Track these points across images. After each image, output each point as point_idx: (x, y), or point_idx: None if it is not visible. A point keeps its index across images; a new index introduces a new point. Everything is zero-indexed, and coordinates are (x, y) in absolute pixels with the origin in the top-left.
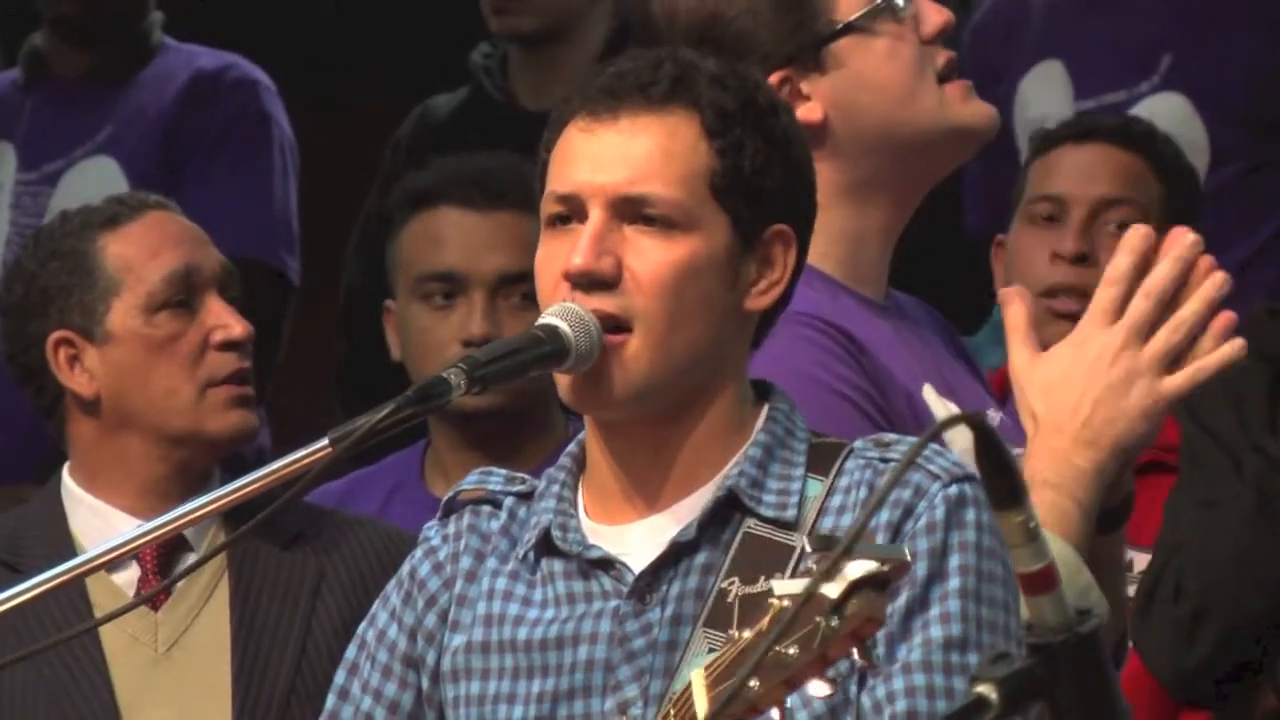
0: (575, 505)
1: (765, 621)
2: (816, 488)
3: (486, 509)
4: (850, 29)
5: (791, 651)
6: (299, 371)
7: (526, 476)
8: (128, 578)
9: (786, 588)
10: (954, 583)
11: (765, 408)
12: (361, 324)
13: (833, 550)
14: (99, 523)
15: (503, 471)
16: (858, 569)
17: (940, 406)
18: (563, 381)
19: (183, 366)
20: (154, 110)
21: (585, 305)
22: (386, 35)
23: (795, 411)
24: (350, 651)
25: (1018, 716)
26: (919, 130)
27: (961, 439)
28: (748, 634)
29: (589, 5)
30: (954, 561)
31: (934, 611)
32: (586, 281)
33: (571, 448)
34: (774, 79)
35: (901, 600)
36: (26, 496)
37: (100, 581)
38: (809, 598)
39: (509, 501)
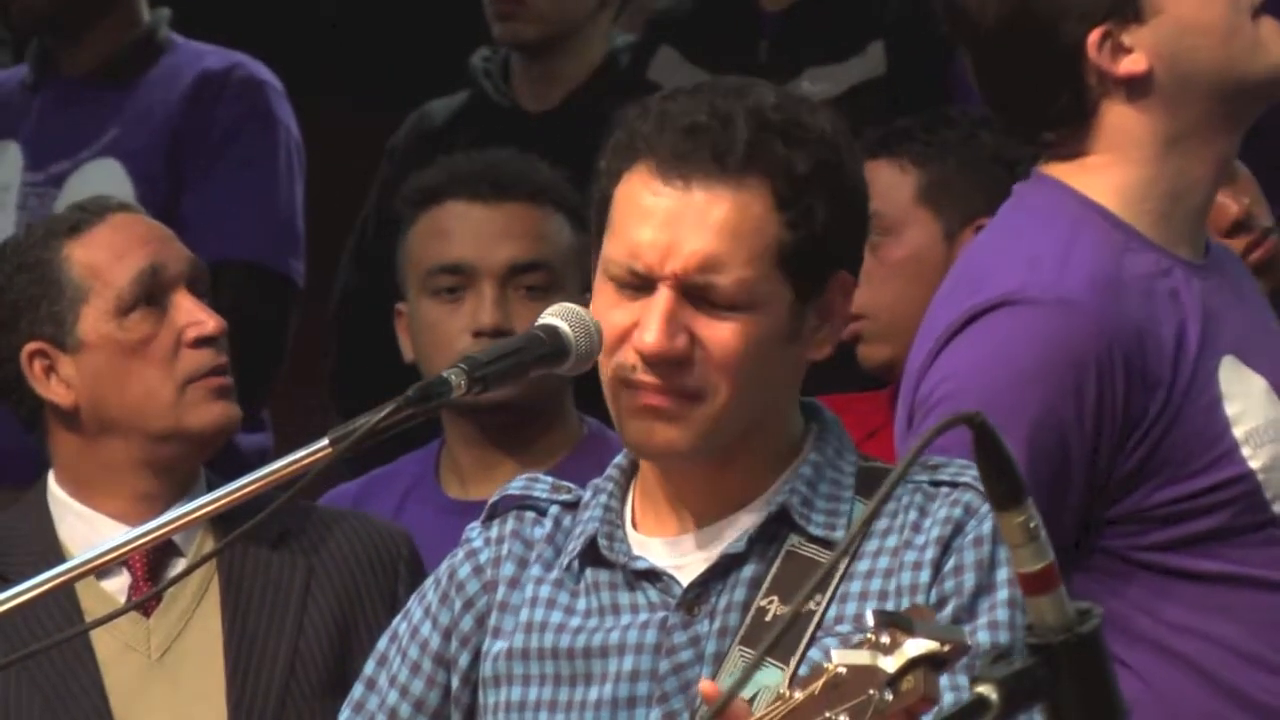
0: (622, 516)
1: (818, 685)
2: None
3: (531, 515)
4: None
5: (841, 719)
6: (299, 373)
7: (572, 486)
8: (119, 585)
9: (845, 657)
10: (1002, 594)
11: (814, 428)
12: (354, 329)
13: (898, 624)
14: (86, 529)
15: (548, 479)
16: (917, 647)
17: (1235, 381)
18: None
19: (159, 367)
20: (160, 111)
21: (659, 381)
22: (387, 37)
23: (843, 431)
24: (381, 643)
25: (1018, 716)
26: (1243, 70)
27: (1258, 411)
28: (799, 695)
29: (591, 15)
30: (1002, 574)
31: (982, 620)
32: (660, 361)
33: (619, 459)
34: (1094, 35)
35: (948, 611)
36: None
37: (91, 589)
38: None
39: (554, 510)
